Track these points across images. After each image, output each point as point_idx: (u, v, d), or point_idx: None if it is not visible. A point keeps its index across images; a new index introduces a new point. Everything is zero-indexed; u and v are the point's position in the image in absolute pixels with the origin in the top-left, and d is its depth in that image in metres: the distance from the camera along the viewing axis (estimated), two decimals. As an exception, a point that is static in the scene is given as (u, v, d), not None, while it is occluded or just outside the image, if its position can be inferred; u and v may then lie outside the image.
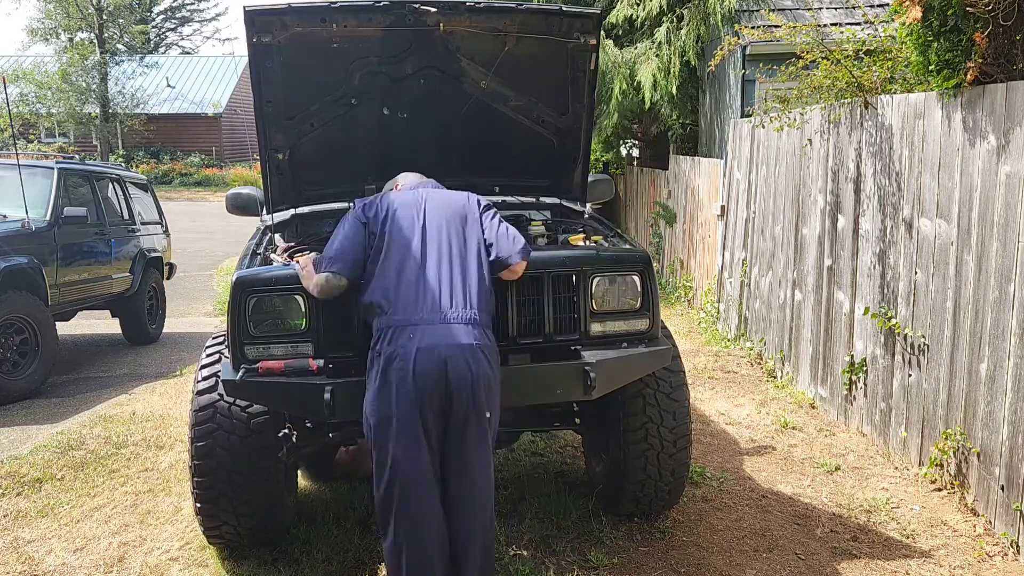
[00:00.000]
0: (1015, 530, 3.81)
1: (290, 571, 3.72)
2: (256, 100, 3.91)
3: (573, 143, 4.36)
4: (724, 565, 3.79)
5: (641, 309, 3.64)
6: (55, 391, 7.04)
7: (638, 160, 15.10)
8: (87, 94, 30.72)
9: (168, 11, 46.96)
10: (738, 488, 4.65)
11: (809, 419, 5.84)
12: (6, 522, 4.36)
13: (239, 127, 36.49)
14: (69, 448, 5.35)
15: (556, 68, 4.14)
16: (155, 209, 9.88)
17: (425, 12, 3.73)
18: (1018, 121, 3.79)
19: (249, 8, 3.68)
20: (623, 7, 11.01)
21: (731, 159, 8.23)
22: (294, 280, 3.37)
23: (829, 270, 5.86)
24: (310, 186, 4.35)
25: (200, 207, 24.66)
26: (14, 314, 6.72)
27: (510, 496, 4.45)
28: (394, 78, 4.06)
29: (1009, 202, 3.86)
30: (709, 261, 9.23)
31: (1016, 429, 3.79)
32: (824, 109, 5.86)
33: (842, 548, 3.95)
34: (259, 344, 3.38)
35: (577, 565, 3.74)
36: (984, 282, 4.06)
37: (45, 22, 34.53)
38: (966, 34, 4.04)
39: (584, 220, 4.48)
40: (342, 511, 4.27)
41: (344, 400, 3.21)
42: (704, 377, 6.89)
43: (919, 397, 4.69)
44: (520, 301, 3.51)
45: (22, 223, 7.13)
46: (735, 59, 9.75)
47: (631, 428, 3.90)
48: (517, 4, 3.89)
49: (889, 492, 4.58)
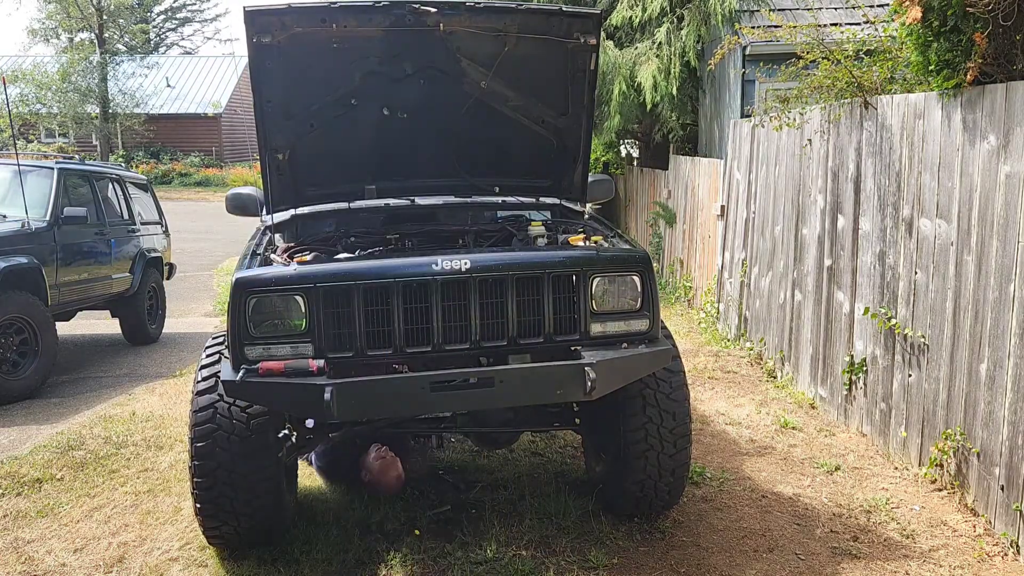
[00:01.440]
0: (1015, 530, 3.81)
1: (290, 571, 3.72)
2: (256, 100, 3.91)
3: (573, 143, 4.36)
4: (724, 565, 3.79)
5: (641, 309, 3.64)
6: (55, 391, 7.04)
7: (638, 160, 15.10)
8: (87, 94, 30.72)
9: (168, 11, 46.95)
10: (738, 488, 4.65)
11: (809, 419, 5.84)
12: (6, 522, 4.36)
13: (239, 127, 36.49)
14: (69, 448, 5.35)
15: (556, 68, 4.14)
16: (155, 209, 9.88)
17: (425, 12, 3.74)
18: (1018, 121, 3.79)
19: (249, 8, 3.69)
20: (623, 8, 11.01)
21: (731, 159, 8.23)
22: (294, 280, 3.37)
23: (829, 270, 5.86)
24: (310, 186, 4.35)
25: (200, 207, 24.66)
26: (14, 314, 6.71)
27: (510, 496, 4.45)
28: (394, 78, 4.06)
29: (1009, 202, 3.86)
30: (709, 261, 9.23)
31: (1016, 429, 3.79)
32: (824, 109, 5.86)
33: (842, 548, 3.95)
34: (259, 344, 3.38)
35: (577, 565, 3.74)
36: (984, 282, 4.06)
37: (45, 22, 34.55)
38: (966, 34, 4.04)
39: (584, 220, 4.48)
40: (342, 511, 4.27)
41: (344, 400, 3.21)
42: (704, 377, 6.89)
43: (919, 397, 4.69)
44: (520, 301, 3.51)
45: (22, 223, 7.13)
46: (735, 59, 9.75)
47: (631, 428, 3.90)
48: (517, 4, 3.90)
49: (889, 492, 4.58)
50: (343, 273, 3.45)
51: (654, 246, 11.70)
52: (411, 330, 3.45)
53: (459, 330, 3.49)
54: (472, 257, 3.49)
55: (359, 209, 4.41)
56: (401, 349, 3.45)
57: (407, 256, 3.72)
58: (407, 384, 3.36)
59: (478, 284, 3.46)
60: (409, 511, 4.28)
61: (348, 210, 4.40)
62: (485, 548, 3.84)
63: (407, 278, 3.42)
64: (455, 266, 3.42)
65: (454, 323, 3.48)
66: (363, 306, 3.40)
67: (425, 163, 4.46)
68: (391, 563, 3.79)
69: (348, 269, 3.49)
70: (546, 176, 4.55)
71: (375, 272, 3.44)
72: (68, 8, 33.01)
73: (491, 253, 3.67)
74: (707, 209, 9.24)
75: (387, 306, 3.42)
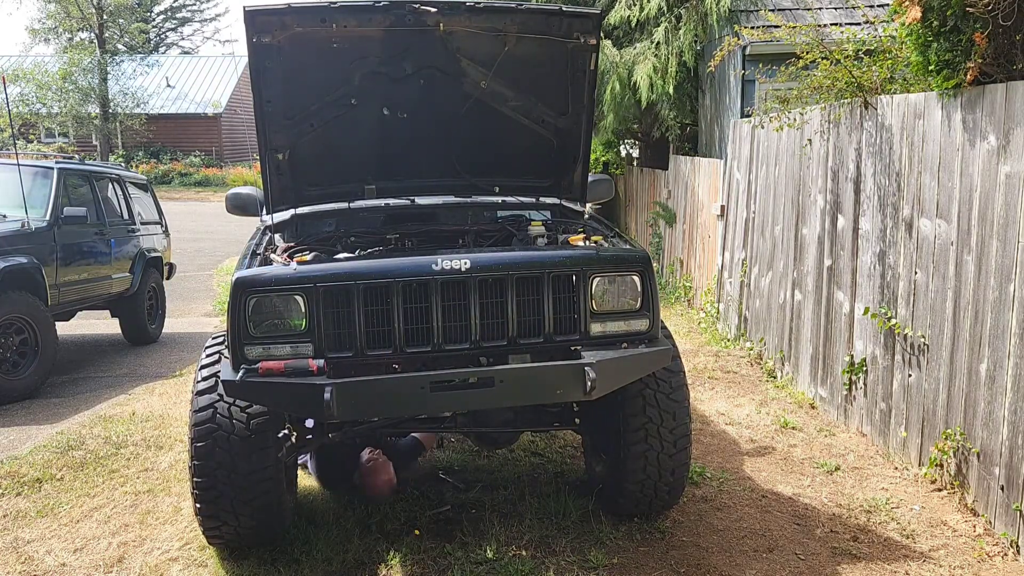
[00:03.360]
0: (1015, 530, 3.81)
1: (290, 571, 3.72)
2: (256, 100, 3.91)
3: (573, 143, 4.36)
4: (724, 565, 3.79)
5: (641, 309, 3.64)
6: (55, 391, 7.04)
7: (638, 160, 15.10)
8: (88, 94, 30.73)
9: (168, 11, 46.97)
10: (738, 488, 4.65)
11: (809, 419, 5.84)
12: (6, 522, 4.36)
13: (239, 127, 36.49)
14: (69, 448, 5.35)
15: (556, 68, 4.14)
16: (155, 209, 9.88)
17: (425, 12, 3.74)
18: (1018, 121, 3.79)
19: (249, 8, 3.69)
20: (620, 8, 11.02)
21: (731, 159, 8.23)
22: (294, 280, 3.37)
23: (829, 270, 5.86)
24: (310, 186, 4.35)
25: (200, 207, 24.66)
26: (14, 314, 6.71)
27: (510, 496, 4.45)
28: (394, 78, 4.06)
29: (1009, 202, 3.86)
30: (709, 261, 9.23)
31: (1016, 429, 3.79)
32: (824, 109, 5.86)
33: (842, 548, 3.95)
34: (259, 344, 3.38)
35: (577, 565, 3.74)
36: (984, 282, 4.06)
37: (46, 22, 34.55)
38: (966, 34, 4.04)
39: (584, 220, 4.48)
40: (342, 511, 4.27)
41: (344, 400, 3.21)
42: (704, 377, 6.89)
43: (919, 397, 4.69)
44: (520, 301, 3.51)
45: (22, 223, 7.13)
46: (735, 59, 9.75)
47: (631, 428, 3.90)
48: (517, 4, 3.90)
49: (889, 492, 4.58)
50: (343, 273, 3.45)
51: (654, 246, 11.70)
52: (411, 330, 3.45)
53: (459, 330, 3.49)
54: (472, 257, 3.48)
55: (359, 209, 4.41)
56: (401, 349, 3.45)
57: (407, 256, 3.72)
58: (407, 384, 3.36)
59: (478, 284, 3.46)
60: (409, 511, 4.28)
61: (348, 210, 4.40)
62: (485, 548, 3.84)
63: (407, 278, 3.42)
64: (455, 266, 3.42)
65: (454, 323, 3.48)
66: (363, 306, 3.40)
67: (425, 163, 4.46)
68: (391, 563, 3.79)
69: (348, 269, 3.49)
70: (546, 176, 4.54)
71: (375, 272, 3.44)
72: (68, 8, 33.01)
73: (491, 253, 3.66)
74: (707, 209, 9.24)
75: (387, 306, 3.42)
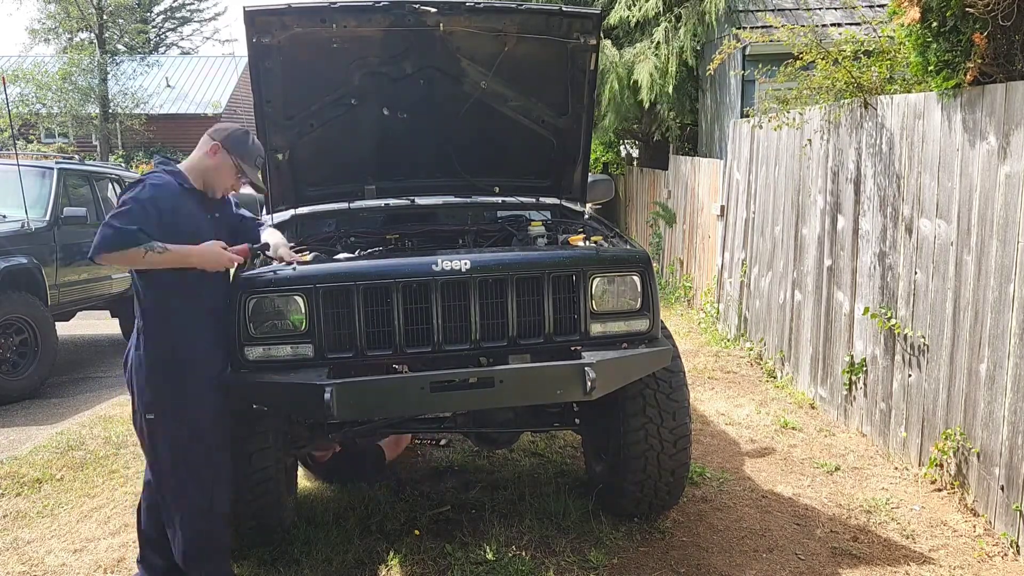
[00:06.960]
0: (1015, 530, 3.81)
1: (290, 571, 3.72)
2: (256, 100, 3.91)
3: (573, 143, 4.36)
4: (724, 565, 3.79)
5: (641, 309, 3.64)
6: (55, 391, 7.04)
7: (638, 160, 15.10)
8: (88, 94, 30.72)
9: (168, 11, 46.91)
10: (738, 488, 4.65)
11: (809, 419, 5.84)
12: (6, 522, 4.36)
13: (239, 127, 36.45)
14: (69, 448, 5.35)
15: (556, 68, 4.14)
16: (155, 209, 9.86)
17: (425, 12, 3.74)
18: (1018, 121, 3.79)
19: (249, 8, 3.69)
20: (619, 8, 11.03)
21: (731, 159, 8.24)
22: (294, 280, 3.37)
23: (829, 270, 5.86)
24: (310, 186, 4.35)
25: (200, 207, 24.62)
26: (14, 314, 6.72)
27: (510, 496, 4.45)
28: (394, 78, 4.06)
29: (1009, 202, 3.86)
30: (709, 261, 9.23)
31: (1016, 429, 3.79)
32: (824, 109, 5.86)
33: (842, 548, 3.95)
34: (259, 344, 3.38)
35: (577, 565, 3.74)
36: (984, 282, 4.06)
37: (46, 23, 34.54)
38: (965, 34, 4.04)
39: (584, 220, 4.48)
40: (342, 511, 4.27)
41: (344, 400, 3.21)
42: (704, 377, 6.89)
43: (919, 397, 4.69)
44: (520, 301, 3.51)
45: (22, 223, 7.13)
46: (735, 60, 9.75)
47: (631, 428, 3.89)
48: (517, 4, 3.90)
49: (889, 492, 4.58)
50: (343, 273, 3.45)
51: (654, 246, 11.70)
52: (411, 330, 3.45)
53: (459, 330, 3.49)
54: (472, 257, 3.48)
55: (359, 209, 4.42)
56: (401, 349, 3.45)
57: (407, 256, 3.72)
58: (407, 384, 3.36)
59: (478, 284, 3.46)
60: (409, 511, 4.28)
61: (348, 210, 4.40)
62: (485, 548, 3.84)
63: (407, 278, 3.42)
64: (455, 266, 3.42)
65: (454, 323, 3.48)
66: (363, 306, 3.40)
67: (425, 163, 4.46)
68: (391, 563, 3.79)
69: (348, 269, 3.49)
70: (546, 176, 4.55)
71: (375, 272, 3.44)
72: (68, 8, 32.99)
73: (491, 253, 3.67)
74: (707, 209, 9.24)
75: (387, 306, 3.42)
